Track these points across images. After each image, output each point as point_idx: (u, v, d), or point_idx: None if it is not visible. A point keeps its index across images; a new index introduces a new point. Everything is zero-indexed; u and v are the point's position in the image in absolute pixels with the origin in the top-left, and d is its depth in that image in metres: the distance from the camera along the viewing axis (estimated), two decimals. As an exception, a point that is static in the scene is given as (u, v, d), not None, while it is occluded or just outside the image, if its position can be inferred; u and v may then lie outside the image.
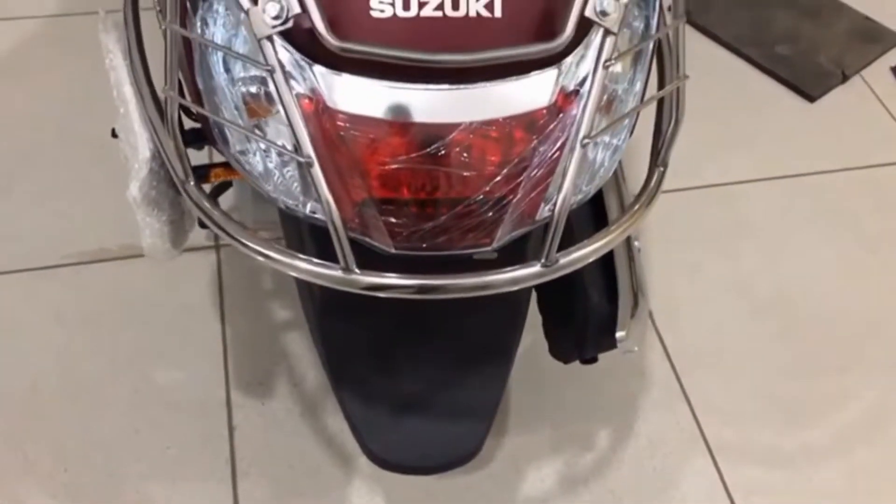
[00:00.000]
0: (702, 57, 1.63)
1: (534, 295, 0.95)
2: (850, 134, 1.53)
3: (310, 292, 0.85)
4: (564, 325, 0.95)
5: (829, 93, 1.58)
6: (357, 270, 0.65)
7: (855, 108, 1.57)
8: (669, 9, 0.71)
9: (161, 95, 0.70)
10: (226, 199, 1.28)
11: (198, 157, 0.80)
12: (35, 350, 1.17)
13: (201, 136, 0.79)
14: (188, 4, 0.67)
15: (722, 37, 1.65)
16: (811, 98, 1.57)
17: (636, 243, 0.97)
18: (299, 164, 0.65)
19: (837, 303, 1.29)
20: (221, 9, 0.66)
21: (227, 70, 0.67)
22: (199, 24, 0.67)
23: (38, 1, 1.63)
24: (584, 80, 0.65)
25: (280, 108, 0.62)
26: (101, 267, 1.27)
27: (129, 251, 1.28)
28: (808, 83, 1.58)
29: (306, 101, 0.64)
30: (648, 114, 0.76)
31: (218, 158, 0.84)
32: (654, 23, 0.71)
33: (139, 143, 0.80)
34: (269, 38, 0.60)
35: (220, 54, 0.67)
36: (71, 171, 1.36)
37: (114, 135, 0.96)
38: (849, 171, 1.47)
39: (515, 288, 0.68)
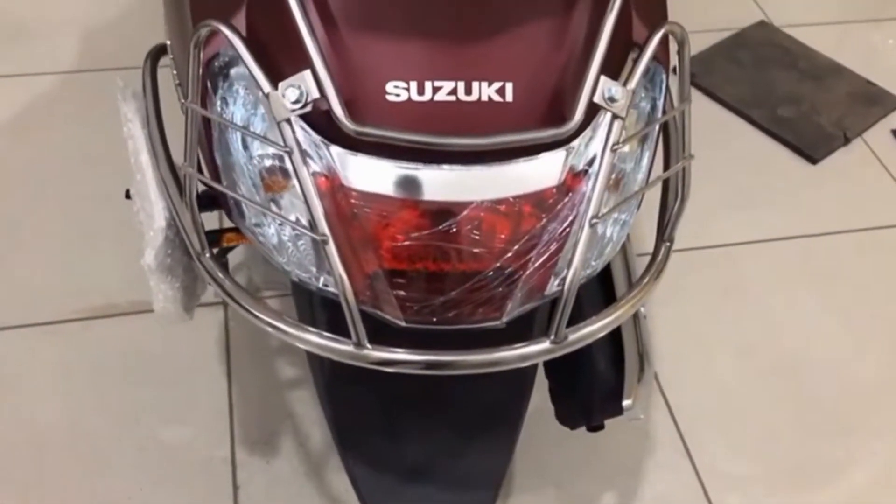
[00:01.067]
0: (705, 118, 1.65)
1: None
2: (852, 196, 1.55)
3: (319, 358, 0.86)
4: (571, 391, 0.96)
5: (832, 155, 1.60)
6: (368, 346, 0.66)
7: (857, 170, 1.59)
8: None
9: (180, 172, 0.72)
10: (236, 255, 1.31)
11: (208, 218, 0.81)
12: (41, 406, 1.17)
13: (214, 200, 0.81)
14: (208, 83, 0.69)
15: (725, 98, 1.68)
16: (813, 160, 1.59)
17: (642, 309, 0.98)
18: (314, 241, 0.67)
19: (841, 365, 1.30)
20: (241, 89, 0.68)
21: (246, 147, 0.69)
22: (218, 102, 0.69)
23: (52, 58, 1.67)
24: (593, 160, 0.67)
25: (296, 184, 0.63)
26: (109, 322, 1.27)
27: (137, 307, 1.29)
28: (810, 145, 1.60)
29: (322, 178, 0.65)
30: (655, 187, 0.77)
31: (228, 221, 0.85)
32: (660, 104, 0.73)
33: (155, 211, 0.81)
34: (288, 121, 0.62)
35: (238, 133, 0.69)
36: (82, 226, 1.38)
37: (127, 196, 0.98)
38: (851, 233, 1.49)
39: (524, 364, 0.69)
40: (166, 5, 0.84)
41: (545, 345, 0.68)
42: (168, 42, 0.87)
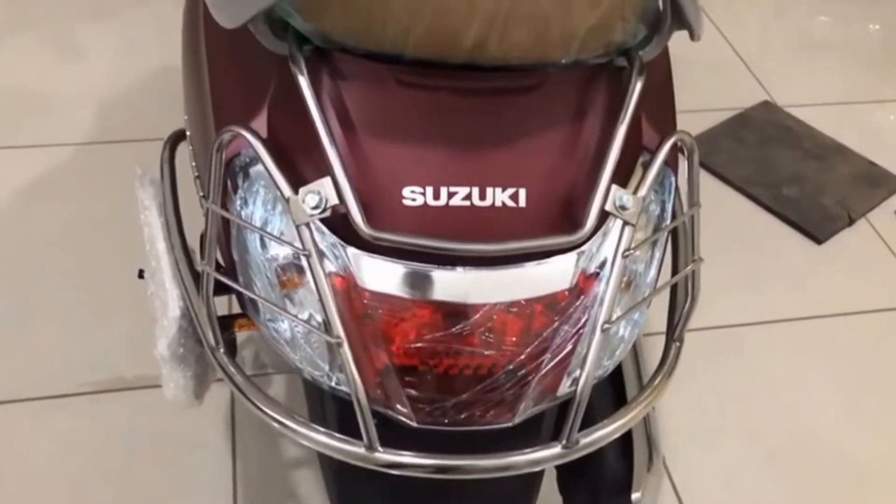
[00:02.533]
0: (710, 197, 1.66)
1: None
2: (858, 277, 1.55)
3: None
4: (579, 482, 0.95)
5: (836, 235, 1.62)
6: (380, 449, 0.66)
7: (862, 251, 1.60)
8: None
9: (196, 263, 0.73)
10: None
11: (219, 301, 0.82)
12: (44, 482, 1.17)
13: (226, 286, 0.82)
14: (228, 182, 0.71)
15: (730, 178, 1.70)
16: (818, 240, 1.60)
17: (650, 399, 0.98)
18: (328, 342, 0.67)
19: (849, 450, 1.29)
20: (261, 189, 0.70)
21: (263, 246, 0.70)
22: (238, 202, 0.70)
23: (68, 129, 1.69)
24: (604, 262, 0.68)
25: (312, 285, 0.64)
26: (116, 397, 1.27)
27: (144, 381, 1.29)
28: (815, 225, 1.62)
29: (338, 278, 0.66)
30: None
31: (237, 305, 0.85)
32: (669, 206, 0.75)
33: (169, 300, 0.82)
34: (307, 224, 0.63)
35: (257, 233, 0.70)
36: (93, 299, 1.39)
37: (140, 276, 0.99)
38: (858, 314, 1.49)
39: (536, 469, 0.69)
40: (188, 97, 0.87)
41: (556, 450, 0.68)
42: (188, 133, 0.89)
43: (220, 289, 0.80)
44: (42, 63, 1.86)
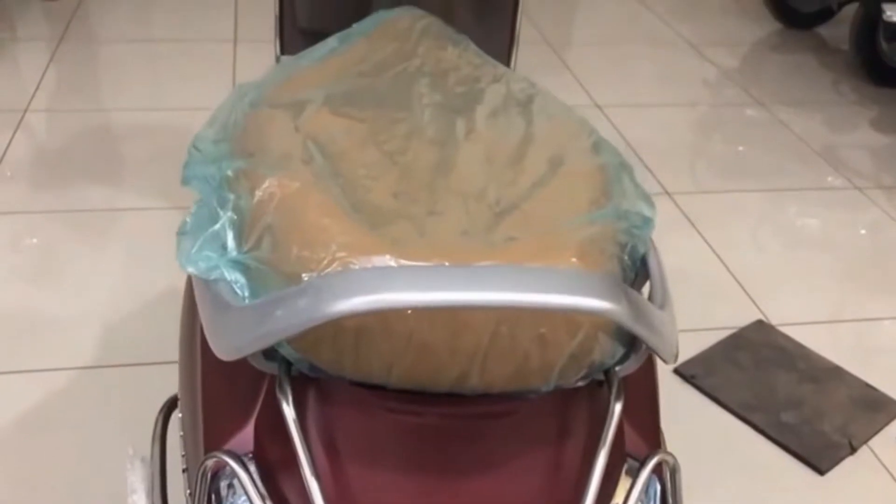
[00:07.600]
0: (709, 423, 1.65)
1: None
2: (864, 513, 1.52)
3: None
4: None
5: (839, 465, 1.59)
6: None
7: (866, 483, 1.57)
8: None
9: None
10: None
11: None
12: None
13: None
14: (213, 495, 0.71)
15: (727, 402, 1.69)
16: (820, 471, 1.57)
17: None
18: None
19: None
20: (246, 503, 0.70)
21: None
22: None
23: (67, 353, 1.69)
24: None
25: None
26: None
27: None
28: (816, 455, 1.59)
29: None
30: None
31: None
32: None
33: None
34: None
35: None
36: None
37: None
38: (867, 555, 1.44)
39: None
40: (182, 388, 0.88)
41: None
42: (180, 415, 0.90)
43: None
44: (39, 285, 1.89)
